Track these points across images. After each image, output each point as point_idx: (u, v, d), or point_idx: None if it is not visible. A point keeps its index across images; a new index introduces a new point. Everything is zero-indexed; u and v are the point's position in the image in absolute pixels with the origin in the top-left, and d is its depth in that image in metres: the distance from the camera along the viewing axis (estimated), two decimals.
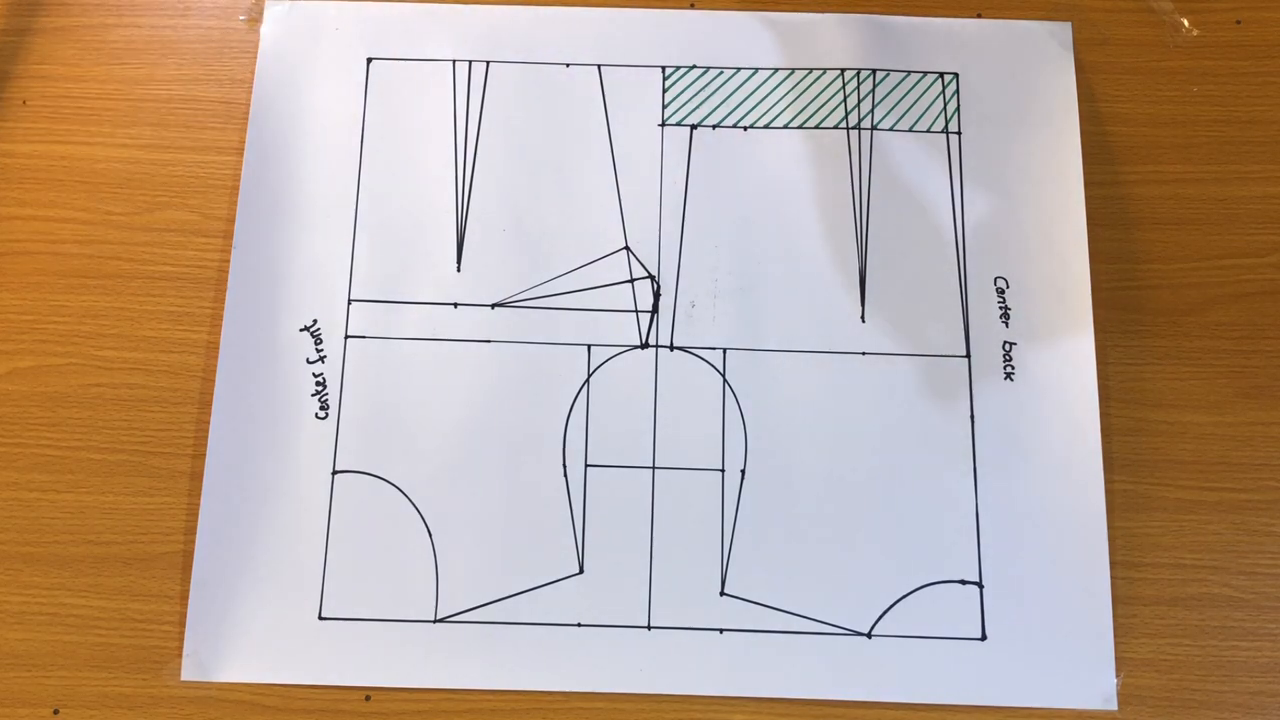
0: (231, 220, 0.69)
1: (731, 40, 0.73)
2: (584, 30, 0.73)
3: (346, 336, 0.68)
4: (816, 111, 0.72)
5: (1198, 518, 0.65)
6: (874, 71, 0.73)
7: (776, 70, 0.73)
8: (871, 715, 0.62)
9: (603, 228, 0.69)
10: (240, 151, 0.71)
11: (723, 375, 0.67)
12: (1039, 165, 0.70)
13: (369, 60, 0.73)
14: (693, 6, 0.74)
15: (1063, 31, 0.73)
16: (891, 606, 0.63)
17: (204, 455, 0.65)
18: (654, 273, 0.69)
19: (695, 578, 0.64)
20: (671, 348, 0.68)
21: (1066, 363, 0.67)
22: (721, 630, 0.63)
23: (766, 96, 0.72)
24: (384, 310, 0.68)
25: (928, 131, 0.72)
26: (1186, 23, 0.74)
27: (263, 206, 0.70)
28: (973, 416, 0.66)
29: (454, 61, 0.73)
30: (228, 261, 0.69)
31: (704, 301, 0.68)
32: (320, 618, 0.63)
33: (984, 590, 0.63)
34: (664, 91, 0.72)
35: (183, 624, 0.63)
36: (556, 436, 0.66)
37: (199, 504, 0.64)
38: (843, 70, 0.73)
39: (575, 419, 0.66)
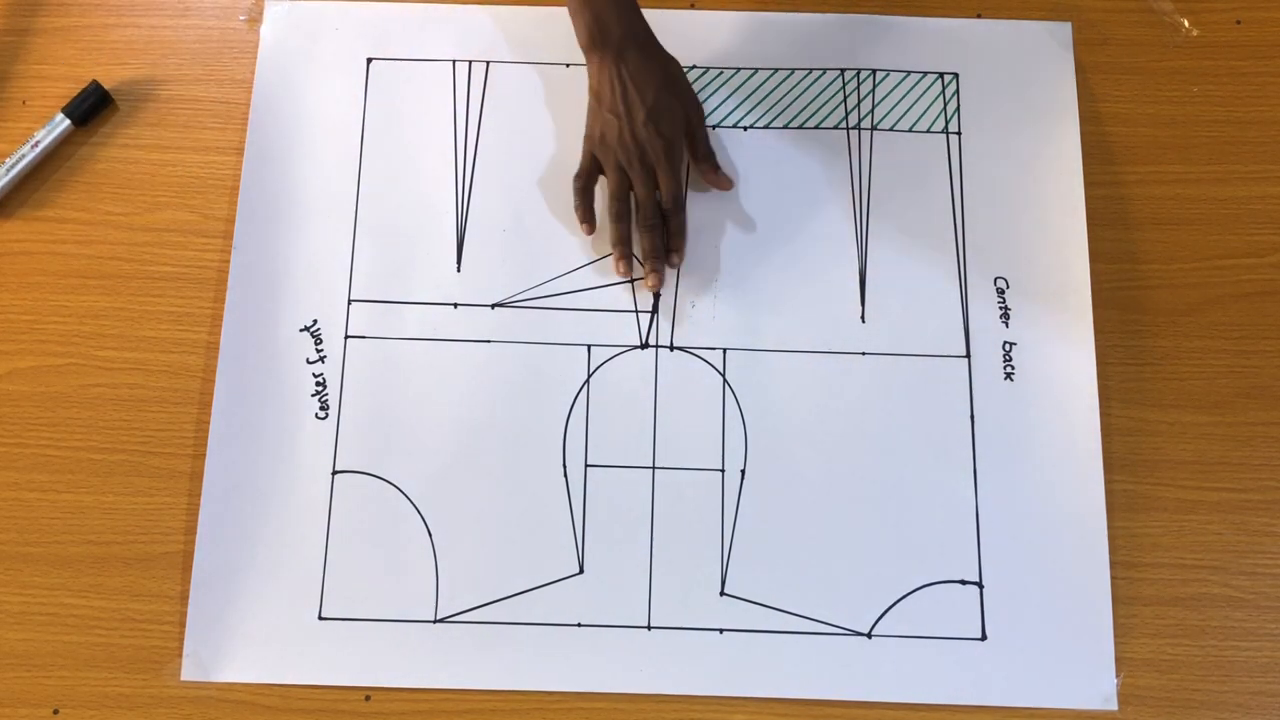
0: (231, 220, 0.69)
1: (731, 40, 0.73)
2: None
3: (346, 336, 0.68)
4: (816, 111, 0.72)
5: (1198, 518, 0.65)
6: (874, 71, 0.73)
7: (776, 70, 0.73)
8: (871, 715, 0.62)
9: (603, 227, 0.69)
10: (240, 151, 0.71)
11: (723, 375, 0.67)
12: (1039, 165, 0.70)
13: (369, 60, 0.73)
14: (693, 6, 0.74)
15: (1063, 31, 0.73)
16: (891, 606, 0.63)
17: (204, 455, 0.65)
18: None
19: (695, 578, 0.64)
20: (671, 348, 0.68)
21: (1066, 363, 0.67)
22: (721, 630, 0.63)
23: (766, 96, 0.72)
24: (384, 310, 0.68)
25: (928, 131, 0.71)
26: (1186, 23, 0.74)
27: (263, 206, 0.70)
28: (973, 416, 0.66)
29: (454, 61, 0.73)
30: (228, 261, 0.69)
31: (704, 301, 0.68)
32: (320, 618, 0.63)
33: (984, 590, 0.63)
34: None
35: (183, 624, 0.63)
36: (556, 436, 0.66)
37: (199, 504, 0.64)
38: (843, 70, 0.73)
39: (575, 419, 0.66)
